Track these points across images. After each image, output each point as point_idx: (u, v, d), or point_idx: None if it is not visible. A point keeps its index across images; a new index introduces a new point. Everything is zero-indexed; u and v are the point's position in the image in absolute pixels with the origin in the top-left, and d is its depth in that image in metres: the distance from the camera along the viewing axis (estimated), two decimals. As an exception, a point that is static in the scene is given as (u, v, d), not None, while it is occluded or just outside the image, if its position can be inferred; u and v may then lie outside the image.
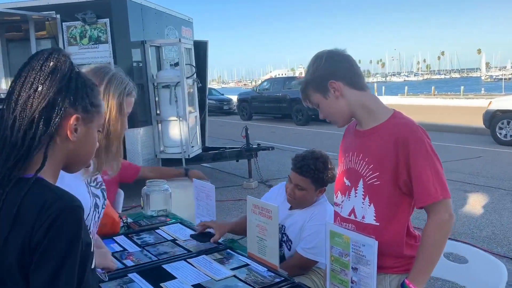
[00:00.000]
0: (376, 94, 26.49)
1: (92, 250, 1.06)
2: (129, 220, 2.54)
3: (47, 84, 0.99)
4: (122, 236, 2.30)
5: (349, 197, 1.65)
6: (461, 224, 4.84)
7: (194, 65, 6.80)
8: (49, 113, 0.99)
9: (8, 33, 6.26)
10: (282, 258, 2.14)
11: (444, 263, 1.96)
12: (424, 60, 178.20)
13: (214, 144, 8.50)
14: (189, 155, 6.28)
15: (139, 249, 2.12)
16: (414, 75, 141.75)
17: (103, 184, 1.64)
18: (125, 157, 5.87)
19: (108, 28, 5.69)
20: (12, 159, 0.97)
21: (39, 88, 0.99)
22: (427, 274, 1.51)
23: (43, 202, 0.93)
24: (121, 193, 3.27)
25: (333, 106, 1.61)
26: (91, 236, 1.07)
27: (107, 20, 5.69)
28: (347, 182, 1.67)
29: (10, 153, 0.97)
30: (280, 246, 2.14)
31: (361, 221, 1.60)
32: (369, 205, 1.57)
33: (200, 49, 7.41)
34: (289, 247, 2.22)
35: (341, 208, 1.69)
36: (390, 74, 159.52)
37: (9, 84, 1.05)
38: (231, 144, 8.72)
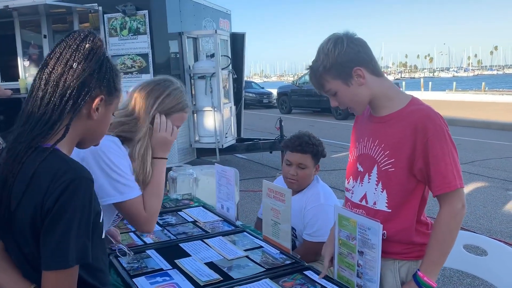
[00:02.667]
0: (422, 89, 25.62)
1: (101, 220, 1.12)
2: (154, 202, 2.63)
3: (82, 64, 1.06)
4: (146, 216, 2.39)
5: (362, 183, 1.63)
6: (499, 222, 4.65)
7: (230, 57, 6.87)
8: (80, 92, 1.06)
9: (54, 25, 6.58)
10: (293, 247, 2.17)
11: (463, 255, 1.92)
12: (475, 55, 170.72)
13: (251, 136, 8.57)
14: (222, 145, 6.38)
15: (160, 228, 2.20)
16: (464, 71, 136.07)
17: None
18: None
19: (147, 20, 5.85)
20: (37, 128, 1.04)
21: (74, 66, 1.05)
22: (439, 265, 1.49)
23: (56, 171, 0.99)
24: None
25: (355, 94, 1.54)
26: None
27: (146, 12, 5.85)
28: (359, 168, 1.66)
29: (36, 123, 1.04)
30: None
31: (372, 207, 1.58)
32: (382, 192, 1.55)
33: (238, 41, 7.48)
34: (294, 235, 2.25)
35: (352, 193, 1.68)
36: (438, 69, 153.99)
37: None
38: (268, 137, 8.75)
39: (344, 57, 1.49)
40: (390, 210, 1.55)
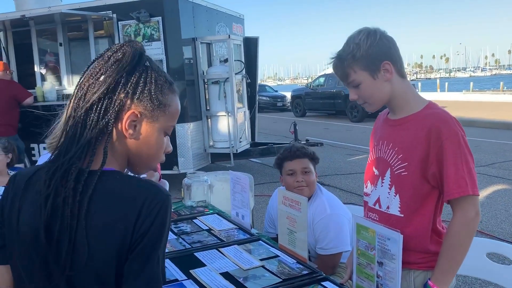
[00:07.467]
0: (438, 90, 25.32)
1: None
2: (169, 209, 2.62)
3: (107, 73, 0.95)
4: (161, 224, 2.38)
5: (376, 187, 1.62)
6: (521, 226, 4.52)
7: (243, 61, 6.87)
8: (104, 104, 0.95)
9: (70, 33, 6.66)
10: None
11: (486, 264, 1.85)
12: (493, 55, 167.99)
13: (265, 140, 8.54)
14: (237, 150, 6.37)
15: (175, 237, 2.19)
16: (481, 71, 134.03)
17: None
18: (175, 151, 6.07)
19: (161, 26, 5.88)
20: (72, 150, 0.94)
21: (101, 78, 0.95)
22: (451, 274, 1.44)
23: (146, 195, 0.93)
24: (166, 184, 3.39)
25: (377, 89, 1.51)
26: None
27: (159, 18, 5.88)
28: (376, 172, 1.64)
29: (70, 144, 0.95)
30: None
31: (386, 211, 1.56)
32: (395, 196, 1.53)
33: (251, 45, 7.47)
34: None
35: (370, 197, 1.66)
36: (454, 69, 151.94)
37: (73, 81, 1.06)
38: (282, 141, 8.71)
39: (376, 49, 1.47)
40: (402, 215, 1.52)
